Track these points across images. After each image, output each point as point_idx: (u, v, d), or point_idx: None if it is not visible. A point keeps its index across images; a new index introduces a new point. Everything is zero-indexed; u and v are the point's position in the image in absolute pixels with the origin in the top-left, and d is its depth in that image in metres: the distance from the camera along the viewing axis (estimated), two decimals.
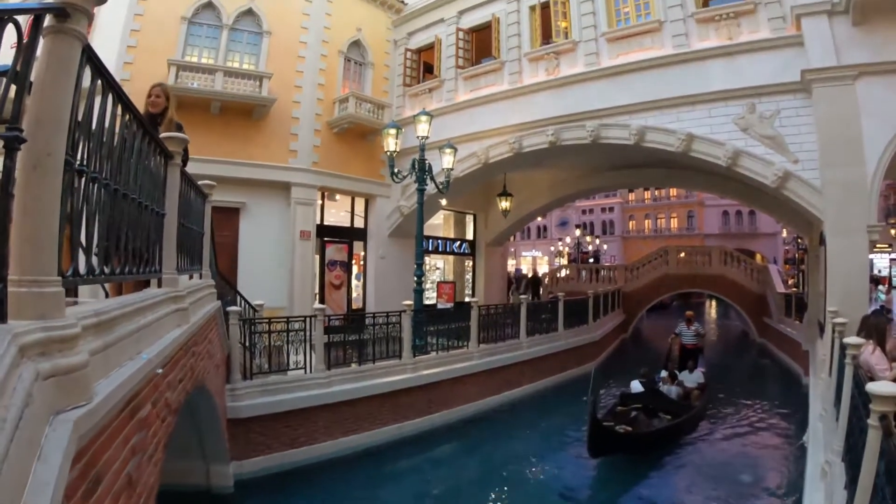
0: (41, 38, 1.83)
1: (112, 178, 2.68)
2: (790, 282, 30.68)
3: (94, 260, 2.56)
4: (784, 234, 44.98)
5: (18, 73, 1.69)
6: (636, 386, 12.52)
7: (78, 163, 2.19)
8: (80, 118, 2.16)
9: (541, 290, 19.78)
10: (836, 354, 6.83)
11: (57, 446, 1.64)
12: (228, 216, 14.64)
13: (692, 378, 13.67)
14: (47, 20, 1.83)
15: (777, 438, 11.80)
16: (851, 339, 5.41)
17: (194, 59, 14.74)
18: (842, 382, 5.47)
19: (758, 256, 33.64)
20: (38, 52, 1.81)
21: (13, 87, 1.69)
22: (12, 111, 1.65)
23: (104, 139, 2.55)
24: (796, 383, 15.83)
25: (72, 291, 3.07)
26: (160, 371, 3.27)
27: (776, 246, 48.00)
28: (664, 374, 13.64)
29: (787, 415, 13.08)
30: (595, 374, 9.81)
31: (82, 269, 2.37)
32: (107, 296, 3.94)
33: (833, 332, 7.56)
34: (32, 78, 1.79)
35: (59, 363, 1.77)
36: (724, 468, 9.98)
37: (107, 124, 2.56)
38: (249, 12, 15.53)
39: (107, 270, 2.74)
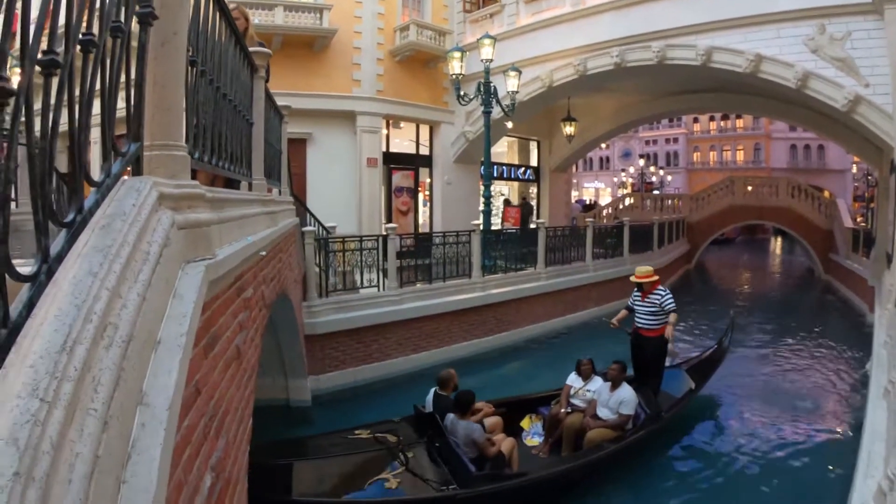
0: None
1: (215, 77, 2.92)
2: (858, 219, 29.51)
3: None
4: (854, 170, 42.97)
5: None
6: (429, 400, 6.77)
7: (190, 55, 2.41)
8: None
9: (530, 219, 18.42)
10: None
11: (191, 286, 1.85)
12: (296, 147, 14.87)
13: (613, 399, 6.91)
14: None
15: (840, 368, 11.56)
16: None
17: None
18: None
19: (826, 193, 32.44)
20: None
21: None
22: None
23: (207, 40, 2.78)
24: (860, 319, 15.49)
25: None
26: (264, 254, 3.56)
27: (845, 182, 45.91)
28: (575, 381, 7.45)
29: (851, 347, 12.77)
30: None
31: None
32: None
33: None
34: None
35: (190, 216, 2.01)
36: (786, 394, 9.95)
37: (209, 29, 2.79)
38: None
39: (213, 161, 3.00)
